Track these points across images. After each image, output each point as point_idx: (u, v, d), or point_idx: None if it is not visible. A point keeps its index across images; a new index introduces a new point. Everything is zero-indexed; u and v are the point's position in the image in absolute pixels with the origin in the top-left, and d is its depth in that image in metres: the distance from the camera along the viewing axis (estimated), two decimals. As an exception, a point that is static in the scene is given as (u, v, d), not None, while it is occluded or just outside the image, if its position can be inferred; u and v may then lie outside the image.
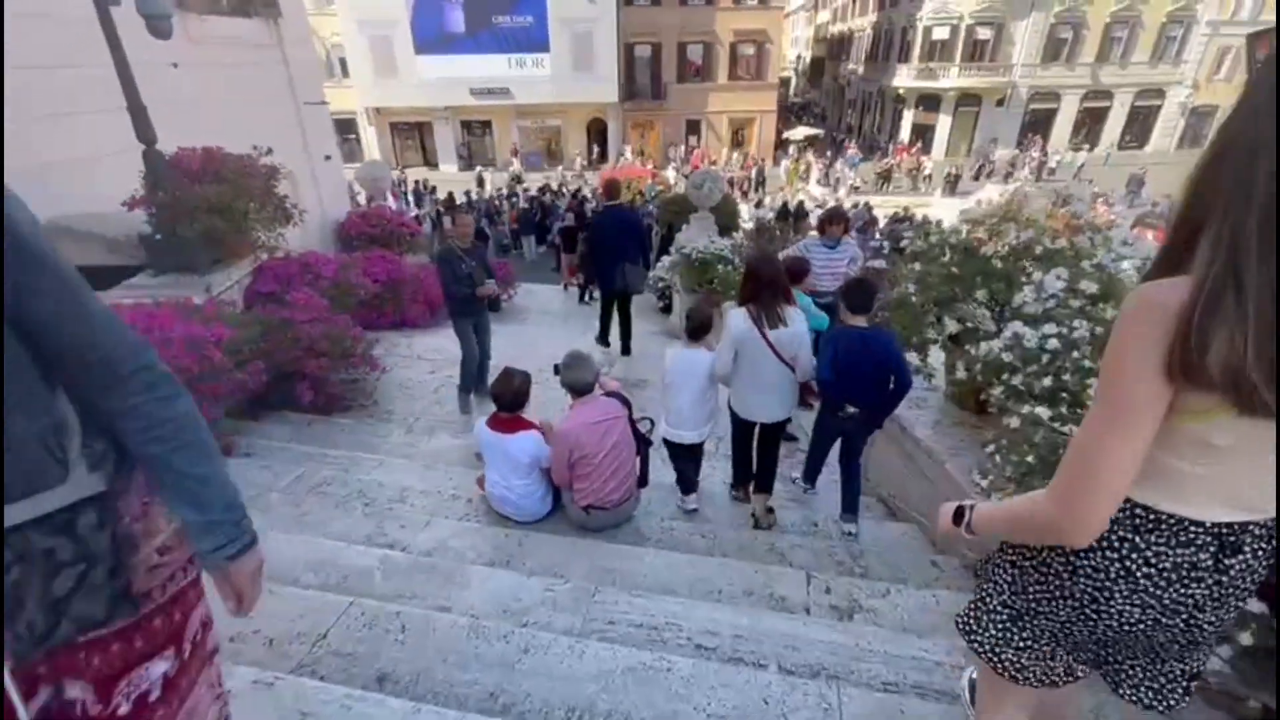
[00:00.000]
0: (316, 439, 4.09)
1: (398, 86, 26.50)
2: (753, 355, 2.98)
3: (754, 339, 2.95)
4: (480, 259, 4.70)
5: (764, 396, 3.11)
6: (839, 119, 42.81)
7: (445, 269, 4.54)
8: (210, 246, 4.80)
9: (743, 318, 2.99)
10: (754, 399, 3.14)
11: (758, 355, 2.98)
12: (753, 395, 3.12)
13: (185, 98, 6.45)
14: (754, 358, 2.99)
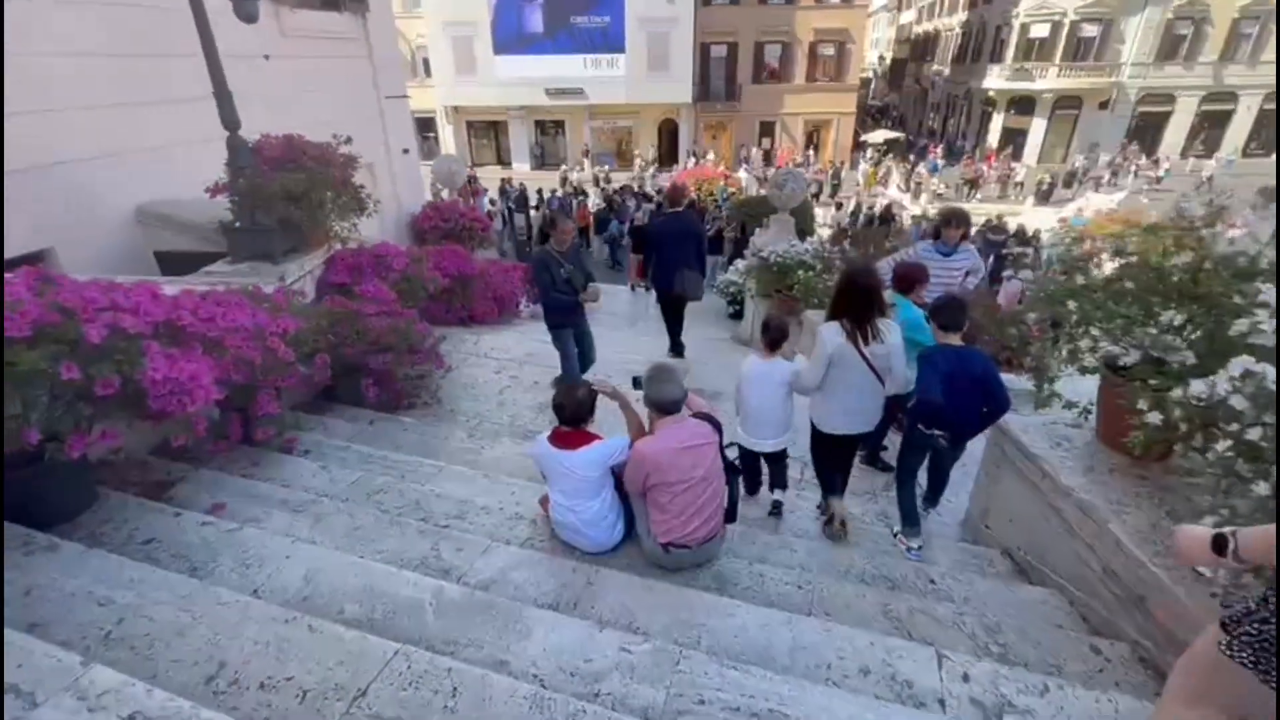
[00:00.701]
0: (377, 439, 3.91)
1: (476, 85, 27.10)
2: (845, 370, 2.93)
3: (849, 355, 2.89)
4: (579, 262, 4.44)
5: (852, 409, 3.06)
6: (919, 123, 40.96)
7: (542, 274, 4.32)
8: (286, 235, 4.74)
9: (837, 332, 2.90)
10: (841, 413, 3.08)
11: (850, 370, 2.92)
12: (840, 410, 3.07)
13: (274, 90, 6.53)
14: (846, 372, 2.93)
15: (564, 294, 4.35)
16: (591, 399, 2.64)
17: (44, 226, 4.73)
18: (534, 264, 4.44)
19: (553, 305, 4.46)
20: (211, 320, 2.68)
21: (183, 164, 4.87)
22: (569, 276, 4.31)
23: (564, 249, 4.34)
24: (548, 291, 4.36)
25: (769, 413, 3.25)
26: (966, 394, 2.81)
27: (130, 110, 5.34)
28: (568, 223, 4.51)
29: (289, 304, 3.57)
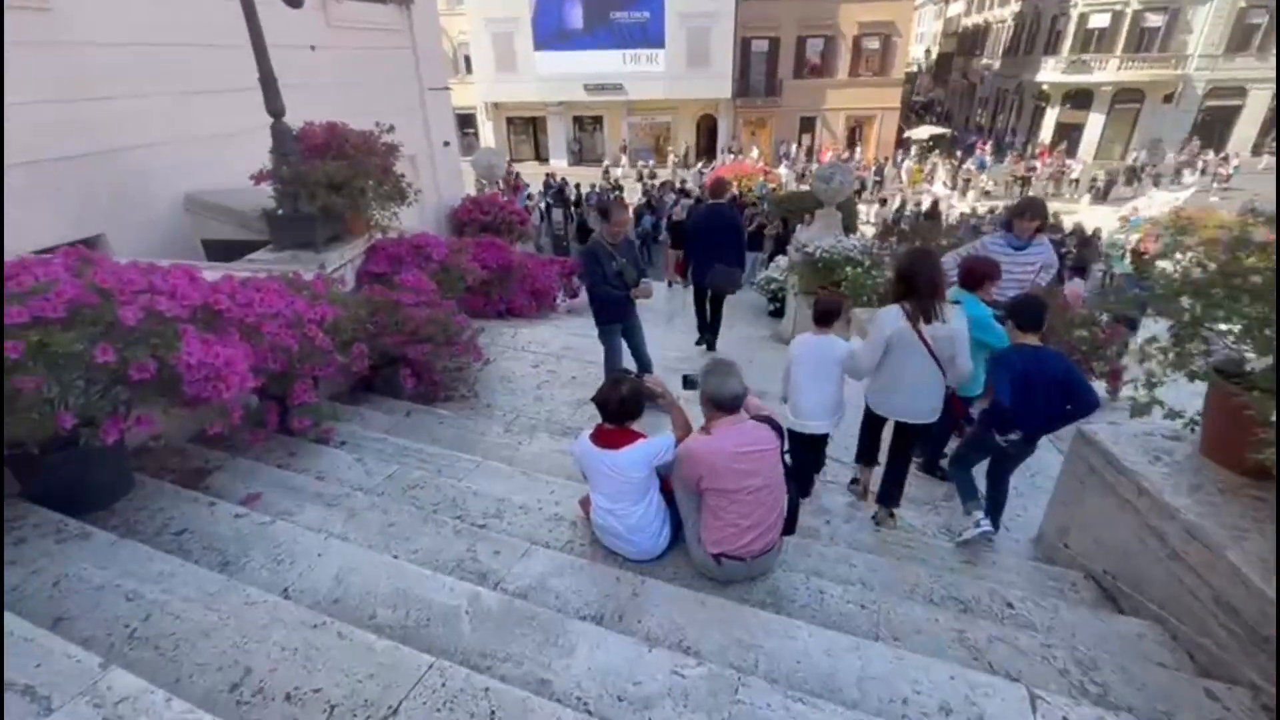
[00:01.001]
0: (414, 431, 3.82)
1: (516, 82, 27.24)
2: (903, 353, 2.87)
3: (909, 338, 2.82)
4: (631, 255, 4.25)
5: (909, 396, 2.98)
6: (966, 119, 39.65)
7: (591, 266, 4.13)
8: (328, 223, 4.70)
9: (897, 315, 2.84)
10: (897, 398, 3.02)
11: (908, 353, 2.85)
12: (897, 394, 3.01)
13: (320, 80, 6.55)
14: (904, 355, 2.87)
15: (615, 288, 4.15)
16: (637, 395, 2.46)
17: (96, 213, 4.80)
18: (584, 256, 4.27)
19: (602, 299, 4.25)
20: (249, 305, 2.60)
21: (230, 153, 4.88)
22: (620, 270, 4.12)
23: (617, 241, 4.14)
24: (597, 285, 4.16)
25: (819, 392, 3.20)
26: (1044, 396, 2.70)
27: (181, 99, 5.39)
28: (623, 213, 4.26)
29: (328, 292, 3.50)
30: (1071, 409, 2.72)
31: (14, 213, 4.26)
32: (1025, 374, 2.71)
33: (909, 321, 2.80)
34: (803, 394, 3.22)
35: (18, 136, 4.26)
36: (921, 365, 2.87)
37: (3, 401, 1.85)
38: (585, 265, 4.21)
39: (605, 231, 4.18)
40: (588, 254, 4.21)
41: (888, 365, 2.93)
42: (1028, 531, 3.24)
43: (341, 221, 4.83)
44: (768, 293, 10.09)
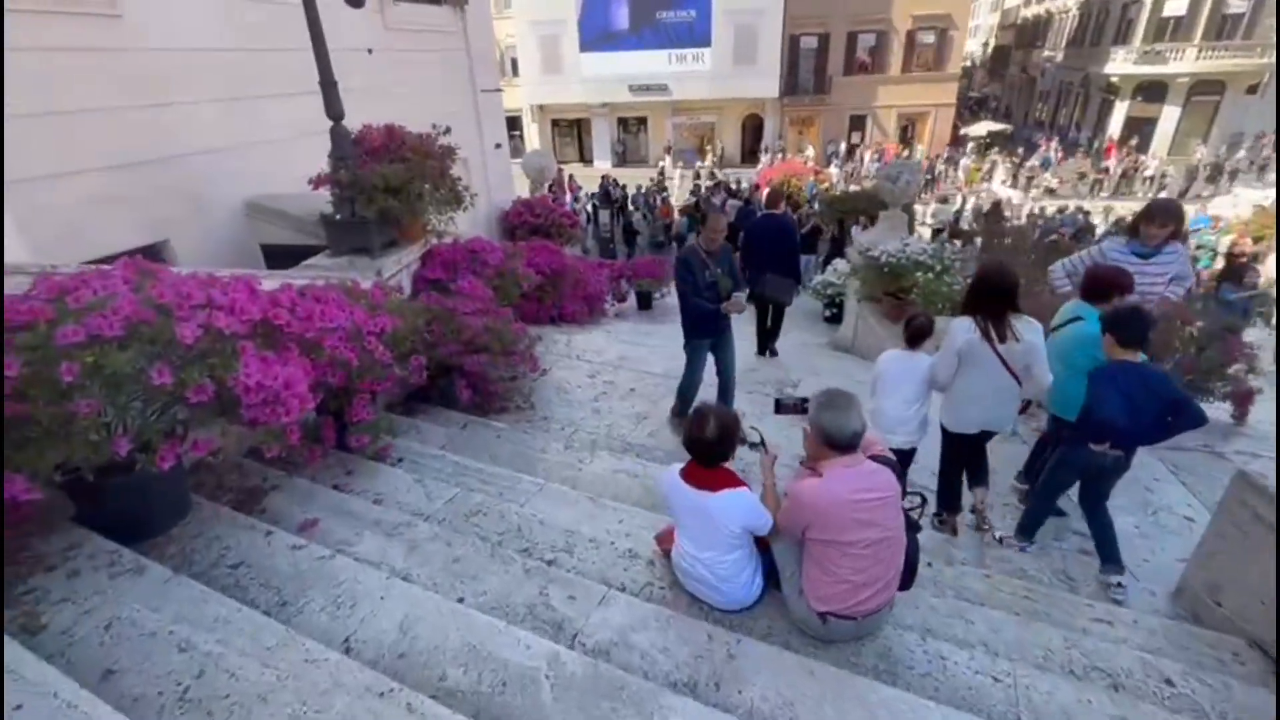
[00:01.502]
0: (472, 447, 3.64)
1: (561, 84, 27.31)
2: (975, 366, 2.88)
3: (981, 350, 2.83)
4: (727, 265, 3.94)
5: (984, 407, 3.00)
6: (1025, 114, 37.89)
7: (684, 275, 3.85)
8: (385, 228, 4.60)
9: (968, 328, 2.85)
10: (972, 409, 3.03)
11: (982, 366, 2.86)
12: (971, 405, 3.01)
13: (376, 83, 6.52)
14: (976, 369, 2.88)
15: (707, 300, 3.83)
16: (727, 436, 2.14)
17: (161, 218, 4.81)
18: (677, 263, 3.97)
19: (693, 312, 3.92)
20: (309, 319, 2.45)
21: (291, 157, 4.83)
22: (715, 280, 3.81)
23: (713, 248, 3.83)
24: (688, 296, 3.86)
25: (906, 408, 3.19)
26: (1148, 418, 2.58)
27: (243, 104, 5.40)
28: (720, 219, 3.92)
29: (386, 301, 3.35)
30: (1173, 421, 2.57)
31: (88, 219, 4.31)
32: (1129, 395, 2.55)
33: (981, 335, 2.80)
34: (888, 408, 3.24)
35: (90, 142, 4.29)
36: (996, 378, 2.86)
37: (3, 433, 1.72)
38: (678, 273, 3.91)
39: (701, 238, 3.89)
40: (681, 261, 3.91)
41: (961, 377, 2.93)
42: (1161, 581, 2.84)
43: (397, 226, 4.72)
44: (824, 298, 9.68)
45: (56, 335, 1.74)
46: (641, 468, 3.61)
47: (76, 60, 4.16)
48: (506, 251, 5.33)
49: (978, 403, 2.96)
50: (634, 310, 9.75)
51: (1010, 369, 2.83)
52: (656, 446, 4.05)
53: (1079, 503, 2.99)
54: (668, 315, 9.80)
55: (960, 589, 2.56)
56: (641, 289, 9.81)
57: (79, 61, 4.17)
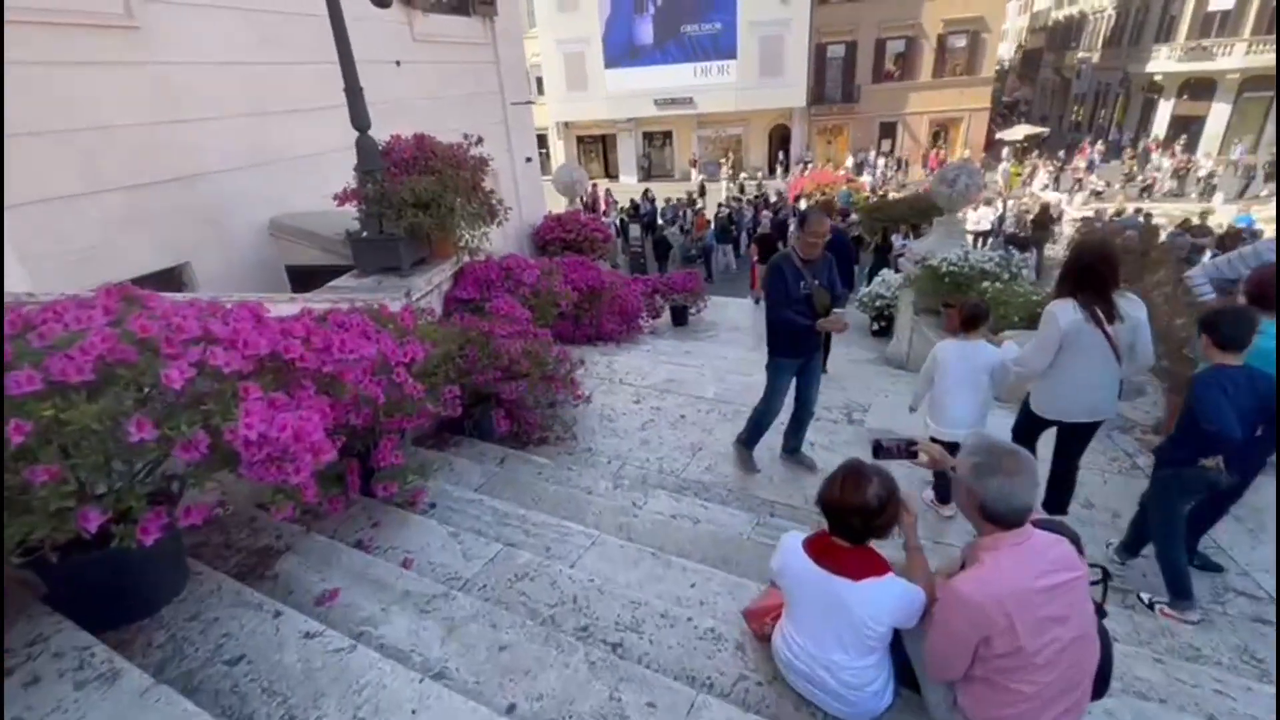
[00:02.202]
0: (511, 486, 3.23)
1: (586, 100, 27.29)
2: (1078, 352, 2.76)
3: (1086, 334, 2.71)
4: (827, 276, 3.40)
5: (1086, 393, 2.85)
6: (1060, 117, 36.81)
7: (776, 285, 3.32)
8: (414, 245, 4.27)
9: (1071, 310, 2.72)
10: (1073, 397, 2.87)
11: (1086, 351, 2.75)
12: (1072, 393, 2.86)
13: (405, 96, 6.28)
14: (1080, 354, 2.76)
15: (800, 314, 3.30)
16: (892, 506, 1.66)
17: (181, 240, 4.56)
18: (768, 272, 3.41)
19: (782, 327, 3.35)
20: (327, 350, 2.07)
21: (317, 175, 4.57)
22: (810, 293, 3.30)
23: (811, 257, 3.30)
24: (779, 308, 3.31)
25: (967, 400, 3.11)
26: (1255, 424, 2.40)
27: (267, 119, 5.16)
28: (823, 222, 3.30)
29: (417, 325, 2.98)
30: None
31: (104, 242, 4.06)
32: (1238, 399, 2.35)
33: (1088, 317, 2.67)
34: (951, 400, 3.14)
35: (106, 161, 4.05)
36: (1102, 361, 2.74)
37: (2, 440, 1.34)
38: (767, 283, 3.37)
39: (798, 244, 3.36)
40: (773, 269, 3.35)
41: (1058, 364, 2.80)
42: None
43: (428, 243, 4.39)
44: (872, 310, 9.13)
45: (8, 383, 1.38)
46: (703, 510, 3.15)
47: (92, 75, 3.93)
48: (543, 268, 4.96)
49: (1082, 389, 2.81)
50: (669, 327, 9.35)
51: (1116, 350, 2.71)
52: (716, 483, 3.58)
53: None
54: (704, 331, 9.37)
55: (1130, 680, 2.03)
56: (676, 305, 9.42)
57: (95, 76, 3.94)
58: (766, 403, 3.58)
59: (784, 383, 3.50)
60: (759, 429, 3.67)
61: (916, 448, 2.02)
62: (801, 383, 3.55)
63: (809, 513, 3.30)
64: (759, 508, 3.35)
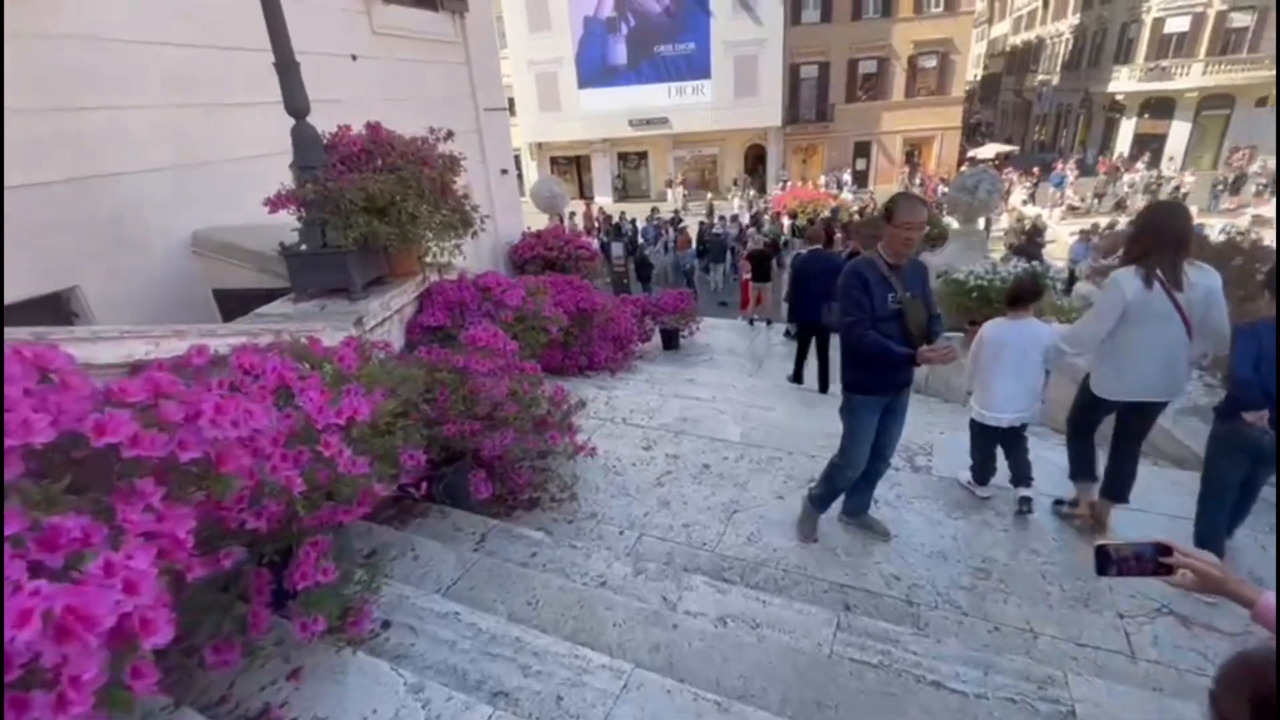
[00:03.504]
0: (498, 582, 2.36)
1: (560, 121, 26.80)
2: (1144, 324, 2.56)
3: (1154, 304, 2.51)
4: (920, 287, 2.60)
5: (1153, 369, 2.62)
6: (1022, 137, 37.70)
7: (855, 298, 2.47)
8: (368, 260, 3.43)
9: (1134, 277, 2.53)
10: (1137, 374, 2.64)
11: (1152, 323, 2.55)
12: (1136, 370, 2.63)
13: (363, 95, 5.45)
14: (1145, 326, 2.56)
15: (889, 333, 2.46)
16: None
17: (69, 258, 3.62)
18: (846, 280, 2.53)
19: (867, 353, 2.50)
20: (193, 422, 1.22)
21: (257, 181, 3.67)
22: (901, 307, 2.48)
23: (901, 260, 2.50)
24: (861, 329, 2.46)
25: (1020, 380, 3.00)
26: None
27: (192, 112, 4.28)
28: (920, 211, 2.45)
29: (362, 367, 2.13)
30: None
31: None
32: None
33: (1156, 284, 2.50)
34: (1000, 382, 3.02)
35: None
36: (1171, 334, 2.55)
37: None
38: (844, 295, 2.52)
39: (884, 245, 2.51)
40: (852, 276, 2.51)
41: (1123, 338, 2.62)
42: None
43: (385, 257, 3.55)
44: (879, 330, 8.52)
45: None
46: (762, 608, 2.32)
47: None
48: (528, 288, 4.14)
49: (1149, 364, 2.61)
50: (659, 351, 8.59)
51: (1187, 320, 2.52)
52: (766, 560, 2.76)
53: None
54: (699, 355, 8.61)
55: None
56: (667, 327, 8.68)
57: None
58: (845, 455, 2.73)
59: (867, 427, 2.66)
60: (834, 488, 2.84)
61: (1171, 560, 1.25)
62: (881, 425, 2.69)
63: (892, 602, 2.50)
64: (829, 597, 2.54)
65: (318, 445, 1.65)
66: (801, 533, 2.89)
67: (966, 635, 2.32)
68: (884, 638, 2.12)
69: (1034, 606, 2.41)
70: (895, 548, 2.74)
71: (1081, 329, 2.74)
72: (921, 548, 2.77)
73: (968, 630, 2.34)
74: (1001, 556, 2.68)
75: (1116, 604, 2.41)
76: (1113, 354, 2.67)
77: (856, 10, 25.39)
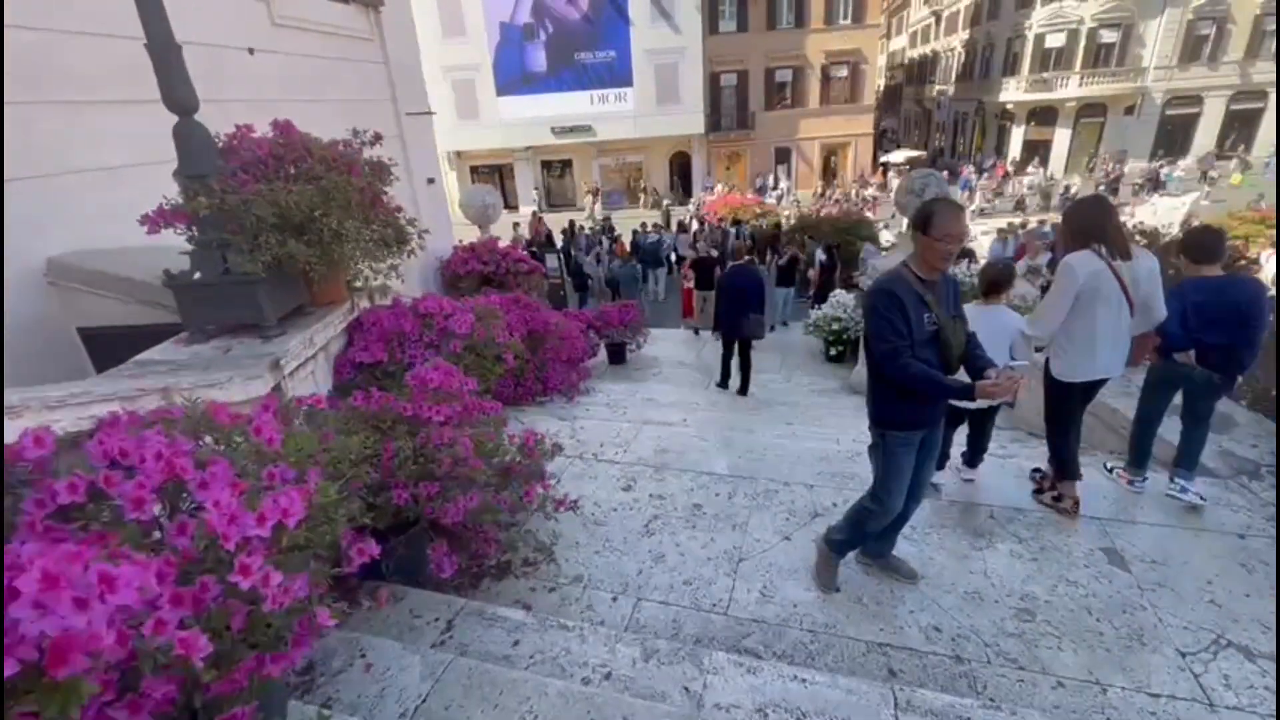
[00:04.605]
0: (478, 693, 1.85)
1: (479, 129, 25.88)
2: (1096, 302, 2.72)
3: (1105, 282, 2.69)
4: (953, 301, 2.25)
5: (1105, 349, 2.80)
6: (925, 144, 40.15)
7: (891, 320, 2.09)
8: (284, 289, 2.82)
9: (1088, 259, 2.71)
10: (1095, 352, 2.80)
11: (1106, 301, 2.72)
12: (1093, 348, 2.79)
13: (266, 96, 4.73)
14: (1098, 305, 2.72)
15: (924, 361, 2.11)
16: None
17: None
18: (877, 300, 2.15)
19: (909, 384, 2.12)
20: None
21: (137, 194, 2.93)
22: (939, 328, 2.13)
23: (934, 277, 2.14)
24: (902, 356, 2.08)
25: None
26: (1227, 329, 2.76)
27: (45, 111, 3.47)
28: (960, 219, 2.09)
29: (287, 433, 1.59)
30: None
31: None
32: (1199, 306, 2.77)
33: (1099, 263, 2.67)
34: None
35: None
36: (1117, 312, 2.75)
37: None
38: (876, 319, 2.13)
39: (918, 259, 2.14)
40: (884, 296, 2.12)
41: (1079, 321, 2.76)
42: None
43: (306, 284, 2.95)
44: (827, 334, 8.44)
45: None
46: (802, 688, 1.93)
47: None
48: (478, 311, 3.61)
49: (1100, 344, 2.77)
50: (605, 366, 8.19)
51: (1130, 300, 2.73)
52: (787, 619, 2.39)
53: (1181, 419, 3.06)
54: (648, 369, 8.26)
55: None
56: (614, 341, 8.29)
57: None
58: (880, 500, 2.34)
59: (906, 469, 2.30)
60: (862, 534, 2.48)
61: None
62: (917, 461, 2.35)
63: (939, 661, 2.19)
64: (870, 661, 2.20)
65: (231, 574, 1.13)
66: (821, 582, 2.54)
67: (1029, 694, 2.04)
68: (951, 715, 1.80)
69: (1091, 651, 2.17)
70: (925, 591, 2.44)
71: (1043, 311, 2.89)
72: (953, 589, 2.49)
73: (1029, 688, 2.06)
74: (1040, 592, 2.44)
75: (1171, 638, 2.21)
76: (1069, 339, 2.84)
77: (771, 21, 26.07)
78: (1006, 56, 30.08)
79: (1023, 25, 28.52)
